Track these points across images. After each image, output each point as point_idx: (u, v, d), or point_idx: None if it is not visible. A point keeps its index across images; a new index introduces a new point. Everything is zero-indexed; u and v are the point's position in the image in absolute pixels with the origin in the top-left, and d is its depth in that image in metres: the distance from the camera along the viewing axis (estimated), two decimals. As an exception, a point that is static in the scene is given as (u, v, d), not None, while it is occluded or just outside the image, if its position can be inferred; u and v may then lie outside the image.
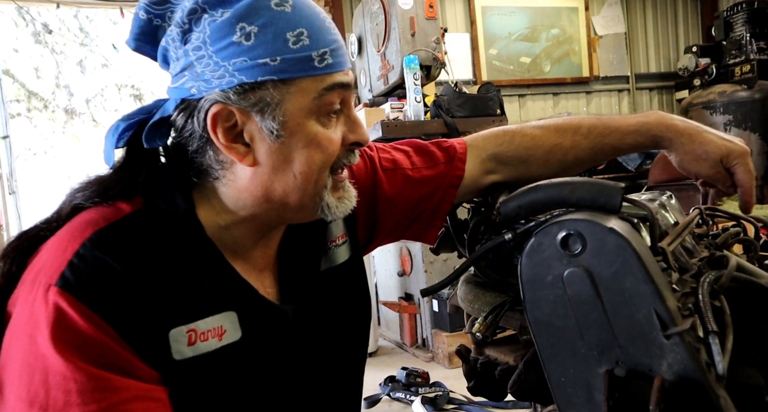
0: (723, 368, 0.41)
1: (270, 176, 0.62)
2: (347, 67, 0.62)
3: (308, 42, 0.58)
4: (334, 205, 0.65)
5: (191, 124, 0.61)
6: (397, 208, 0.83)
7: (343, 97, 0.63)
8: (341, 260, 0.78)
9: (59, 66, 3.89)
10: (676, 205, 0.72)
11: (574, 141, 0.83)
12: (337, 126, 0.64)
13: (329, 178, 0.64)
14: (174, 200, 0.62)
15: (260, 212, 0.65)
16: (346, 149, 0.65)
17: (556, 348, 0.48)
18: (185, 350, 0.59)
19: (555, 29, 4.75)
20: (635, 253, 0.44)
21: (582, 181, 0.51)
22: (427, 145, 0.87)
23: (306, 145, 0.61)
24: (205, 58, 0.58)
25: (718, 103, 4.33)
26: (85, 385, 0.53)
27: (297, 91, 0.59)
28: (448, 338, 2.77)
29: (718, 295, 0.48)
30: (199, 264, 0.62)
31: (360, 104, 3.60)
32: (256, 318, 0.65)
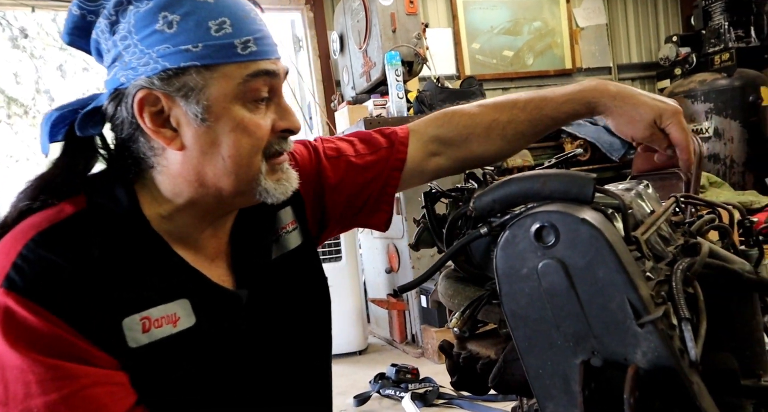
0: (695, 354, 0.41)
1: (199, 160, 0.64)
2: (274, 56, 0.65)
3: (231, 30, 0.61)
4: (272, 187, 0.67)
5: (121, 111, 0.63)
6: (342, 195, 0.85)
7: (271, 84, 0.65)
8: (293, 246, 0.80)
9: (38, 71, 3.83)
10: (652, 194, 0.72)
11: (511, 115, 0.84)
12: (267, 113, 0.66)
13: (263, 163, 0.66)
14: (116, 196, 0.65)
15: (198, 198, 0.67)
16: (278, 136, 0.67)
17: (533, 340, 0.48)
18: (140, 338, 0.61)
19: (537, 22, 4.77)
20: (607, 243, 0.44)
21: (554, 173, 0.51)
22: (370, 133, 0.90)
23: (232, 130, 0.63)
24: (131, 47, 0.61)
25: (699, 92, 4.37)
26: (42, 375, 0.54)
27: (220, 76, 0.61)
28: (437, 334, 2.78)
29: (691, 282, 0.48)
30: (146, 256, 0.64)
31: (343, 102, 3.59)
32: (210, 304, 0.67)
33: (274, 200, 0.68)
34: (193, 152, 0.64)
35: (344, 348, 3.09)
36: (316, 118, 4.11)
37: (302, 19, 4.16)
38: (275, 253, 0.78)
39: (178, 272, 0.66)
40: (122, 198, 0.65)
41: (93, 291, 0.59)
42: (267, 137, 0.66)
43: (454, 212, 0.67)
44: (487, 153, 0.86)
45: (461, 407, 2.24)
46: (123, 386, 0.59)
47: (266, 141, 0.66)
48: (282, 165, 0.69)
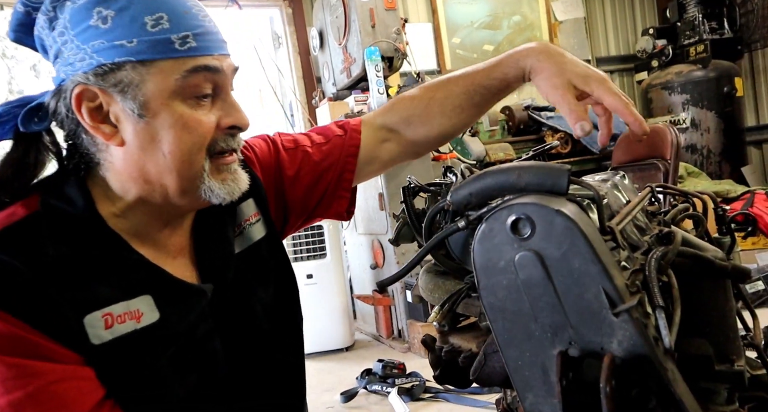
0: (669, 341, 0.42)
1: (140, 156, 0.64)
2: (218, 52, 0.64)
3: (168, 25, 0.61)
4: (217, 187, 0.67)
5: (61, 107, 0.63)
6: (301, 184, 0.86)
7: (214, 81, 0.65)
8: (257, 238, 0.80)
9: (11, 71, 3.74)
10: (629, 184, 0.73)
11: (447, 90, 0.85)
12: (212, 110, 0.66)
13: (207, 161, 0.66)
14: (70, 197, 0.65)
15: (146, 195, 0.66)
16: (224, 133, 0.67)
17: (512, 332, 0.48)
18: (103, 334, 0.61)
19: (516, 16, 4.79)
20: (582, 234, 0.44)
21: (529, 166, 0.51)
22: (325, 125, 0.93)
23: (171, 126, 0.63)
24: (68, 43, 0.61)
25: (676, 84, 4.44)
26: (5, 374, 0.55)
27: (157, 72, 0.61)
28: (423, 328, 2.79)
29: (665, 270, 0.49)
30: (104, 255, 0.64)
31: (324, 98, 3.57)
32: (173, 300, 0.67)
33: (220, 201, 0.68)
34: (134, 148, 0.64)
35: (331, 345, 3.09)
36: (297, 115, 4.09)
37: (281, 16, 4.13)
38: (240, 246, 0.78)
39: (138, 269, 0.66)
40: (76, 198, 0.65)
41: (50, 291, 0.58)
42: (210, 134, 0.65)
43: (433, 206, 0.67)
44: (432, 132, 0.87)
45: (447, 400, 2.25)
46: (90, 381, 0.59)
47: (210, 138, 0.65)
48: (230, 165, 0.69)
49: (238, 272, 0.76)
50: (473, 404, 2.17)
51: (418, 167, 2.94)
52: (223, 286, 0.73)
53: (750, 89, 4.88)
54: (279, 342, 0.80)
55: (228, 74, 0.67)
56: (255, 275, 0.78)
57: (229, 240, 0.76)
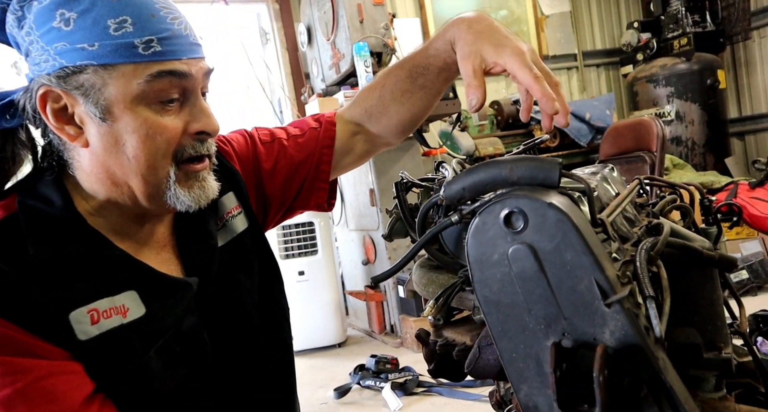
0: (660, 331, 0.43)
1: (105, 158, 0.64)
2: (186, 56, 0.63)
3: (132, 29, 0.60)
4: (183, 195, 0.66)
5: (29, 106, 0.63)
6: (279, 176, 0.87)
7: (181, 85, 0.64)
8: (240, 230, 0.81)
9: (-9, 69, 3.69)
10: (617, 177, 0.74)
11: (395, 76, 0.85)
12: (179, 115, 0.65)
13: (173, 167, 0.65)
14: (47, 196, 0.65)
15: (116, 197, 0.66)
16: (193, 139, 0.66)
17: (506, 325, 0.49)
18: (90, 330, 0.61)
19: (503, 11, 4.80)
20: (574, 226, 0.45)
21: (520, 159, 0.51)
22: (301, 119, 0.94)
23: (135, 131, 0.62)
24: (34, 43, 0.61)
25: (660, 77, 4.49)
26: None
27: (119, 76, 0.60)
28: (415, 323, 2.80)
29: (655, 261, 0.49)
30: (87, 252, 0.64)
31: (314, 94, 3.56)
32: (159, 294, 0.67)
33: (186, 208, 0.67)
34: (99, 150, 0.63)
35: (323, 341, 3.09)
36: (286, 112, 4.07)
37: (268, 11, 4.10)
38: (223, 239, 0.78)
39: (122, 265, 0.66)
40: (54, 197, 0.65)
41: (33, 290, 0.59)
42: (175, 140, 0.64)
43: (426, 201, 0.68)
44: (392, 121, 0.88)
45: (441, 394, 2.27)
46: (79, 375, 0.60)
47: (175, 144, 0.65)
48: (199, 173, 0.68)
49: (223, 265, 0.76)
50: (466, 397, 2.19)
51: (409, 163, 2.95)
52: (208, 279, 0.74)
53: (732, 82, 4.94)
54: (266, 335, 0.81)
55: (198, 78, 0.65)
56: (240, 267, 0.79)
57: (211, 234, 0.76)
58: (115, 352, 0.63)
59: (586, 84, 5.18)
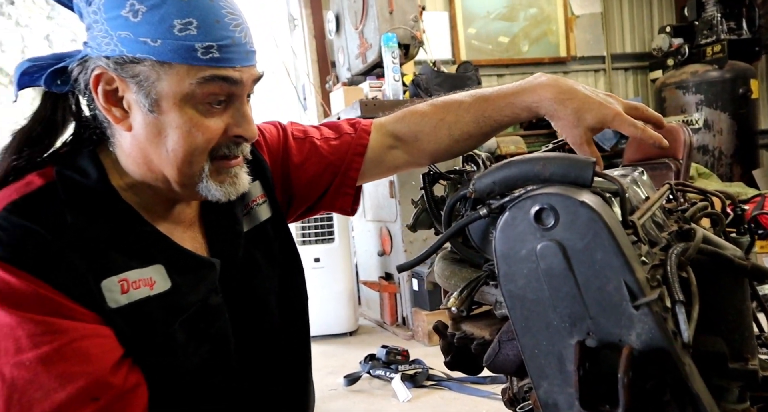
0: (689, 336, 0.42)
1: (146, 146, 0.66)
2: (241, 65, 0.65)
3: (195, 32, 0.61)
4: (214, 188, 0.68)
5: (81, 79, 0.66)
6: (306, 173, 0.89)
7: (229, 91, 0.65)
8: (263, 218, 0.83)
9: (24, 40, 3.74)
10: (647, 181, 0.73)
11: (457, 116, 0.86)
12: (222, 117, 0.67)
13: (208, 162, 0.67)
14: (84, 169, 0.67)
15: (150, 181, 0.69)
16: (231, 140, 0.68)
17: (530, 321, 0.49)
18: (120, 298, 0.64)
19: (533, 9, 4.74)
20: (606, 226, 0.45)
21: (554, 156, 0.51)
22: (337, 121, 0.95)
23: (178, 127, 0.64)
24: (99, 23, 0.63)
25: (691, 83, 4.40)
26: (32, 331, 0.57)
27: (174, 74, 0.62)
28: (427, 317, 2.80)
29: (685, 266, 0.49)
30: (119, 225, 0.66)
31: (339, 83, 3.56)
32: (184, 269, 0.70)
33: (216, 200, 0.70)
34: (140, 137, 0.66)
35: (335, 329, 3.11)
36: (310, 99, 4.08)
37: (297, -2, 4.10)
38: (247, 225, 0.81)
39: (151, 240, 0.69)
40: (90, 170, 0.67)
41: (70, 254, 0.61)
42: (215, 140, 0.67)
43: (453, 193, 0.68)
44: (438, 151, 0.89)
45: (450, 388, 2.27)
46: (110, 339, 0.62)
47: (214, 143, 0.67)
48: (231, 169, 0.70)
49: (246, 250, 0.78)
50: (475, 394, 2.19)
51: (429, 157, 2.94)
52: (231, 263, 0.76)
53: (765, 92, 4.83)
54: (284, 320, 0.82)
55: (247, 85, 0.67)
56: (262, 254, 0.81)
57: (237, 219, 0.78)
58: (141, 322, 0.65)
59: (613, 87, 5.11)
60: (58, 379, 0.57)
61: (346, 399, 2.30)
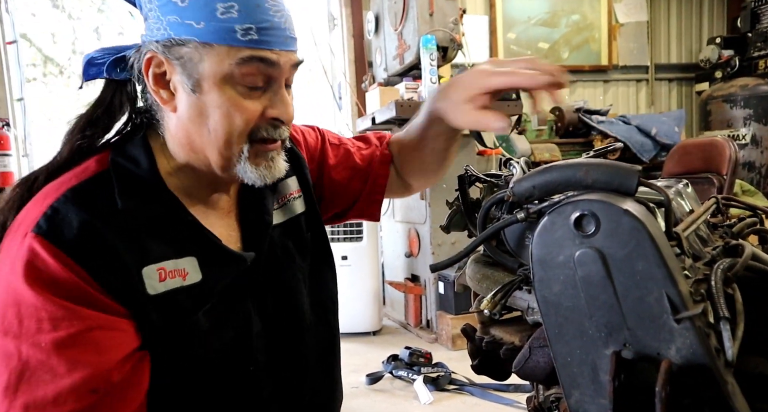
0: (732, 354, 0.41)
1: (189, 126, 0.69)
2: (278, 48, 0.67)
3: (236, 15, 0.64)
4: (251, 170, 0.71)
5: (136, 65, 0.70)
6: (339, 176, 0.94)
7: (268, 73, 0.68)
8: (298, 211, 0.86)
9: (75, 32, 3.88)
10: (692, 193, 0.71)
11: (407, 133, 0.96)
12: (261, 99, 0.69)
13: (246, 144, 0.70)
14: (135, 157, 0.71)
15: (193, 162, 0.72)
16: (268, 123, 0.71)
17: (564, 328, 0.48)
18: (158, 286, 0.67)
19: (576, 15, 4.66)
20: (649, 236, 0.44)
21: (597, 163, 0.50)
22: (364, 134, 1.03)
23: (219, 107, 0.67)
24: (153, 11, 0.67)
25: (739, 97, 4.25)
26: (54, 314, 0.59)
27: (215, 55, 0.65)
28: (452, 320, 2.78)
29: (731, 282, 0.47)
30: (162, 214, 0.69)
31: (375, 83, 3.57)
32: (215, 263, 0.72)
33: (252, 183, 0.72)
34: (184, 118, 0.69)
35: (359, 327, 3.12)
36: (345, 98, 4.10)
37: (339, -2, 4.13)
38: (282, 217, 0.83)
39: (189, 231, 0.71)
40: (141, 159, 0.71)
41: (115, 242, 0.64)
42: (252, 122, 0.69)
43: (490, 196, 0.67)
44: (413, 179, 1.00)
45: (472, 394, 2.25)
46: (126, 334, 0.64)
47: (252, 125, 0.69)
48: (269, 153, 0.72)
49: (280, 241, 0.81)
50: (498, 401, 2.16)
51: (464, 160, 2.91)
52: (263, 253, 0.78)
53: (819, 109, 4.62)
54: (314, 313, 0.84)
55: (284, 68, 0.69)
56: (294, 245, 0.83)
57: (267, 210, 0.80)
58: (171, 311, 0.67)
59: (655, 98, 4.97)
60: (67, 364, 0.59)
61: (367, 398, 2.30)
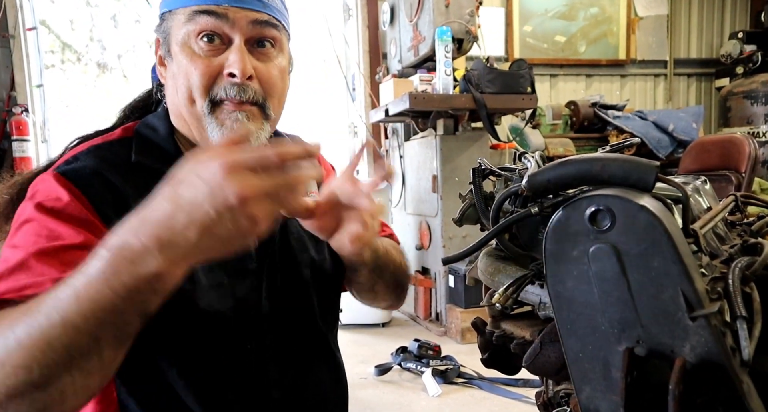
0: (749, 353, 0.40)
1: (171, 93, 0.76)
2: (227, 3, 0.71)
3: None
4: (216, 130, 0.72)
5: None
6: None
7: (219, 28, 0.71)
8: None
9: (93, 19, 3.91)
10: (710, 190, 0.70)
11: None
12: (219, 58, 0.72)
13: (206, 102, 0.72)
14: (155, 126, 0.78)
15: (184, 131, 0.78)
16: (227, 82, 0.72)
17: (576, 323, 0.48)
18: None
19: (594, 8, 4.59)
20: (666, 232, 0.43)
21: (614, 157, 0.49)
22: None
23: (180, 67, 0.73)
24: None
25: (761, 93, 4.17)
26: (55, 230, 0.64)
27: (176, 20, 0.73)
28: (462, 314, 2.78)
29: (749, 281, 0.46)
30: None
31: (389, 74, 3.56)
32: None
33: None
34: (169, 86, 0.76)
35: (368, 319, 3.13)
36: (359, 90, 4.09)
37: (354, -12, 4.11)
38: None
39: None
40: (160, 127, 0.78)
41: (125, 188, 0.70)
42: (207, 76, 0.71)
43: (504, 189, 0.66)
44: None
45: (480, 387, 2.25)
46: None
47: (207, 80, 0.72)
48: (233, 113, 0.72)
49: (296, 230, 0.81)
50: (507, 395, 2.16)
51: (476, 154, 2.90)
52: (275, 236, 0.79)
53: (843, 107, 4.52)
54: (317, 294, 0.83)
55: (239, 24, 0.71)
56: (309, 236, 0.82)
57: None
58: None
59: (673, 94, 4.90)
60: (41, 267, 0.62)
61: (375, 388, 2.32)
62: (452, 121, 3.02)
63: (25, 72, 3.46)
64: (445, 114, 2.99)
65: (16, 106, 3.37)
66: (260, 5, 0.73)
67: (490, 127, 2.95)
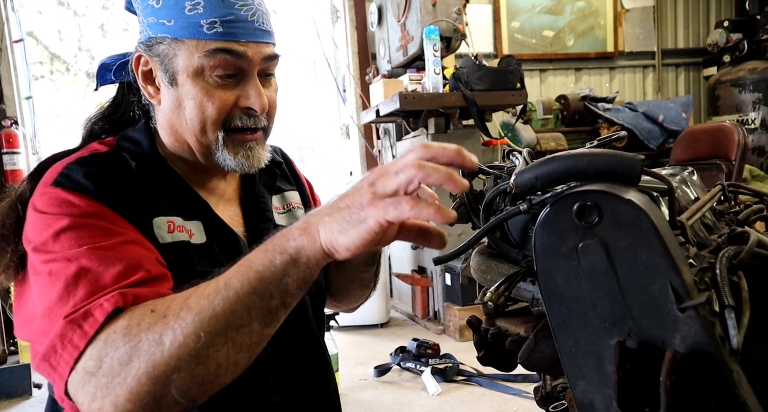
0: (737, 342, 0.40)
1: (171, 117, 0.76)
2: (245, 39, 0.72)
3: (201, 11, 0.70)
4: (229, 159, 0.76)
5: (130, 65, 0.78)
6: None
7: (238, 64, 0.73)
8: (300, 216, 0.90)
9: (81, 29, 3.89)
10: (697, 181, 0.71)
11: None
12: (234, 90, 0.74)
13: (221, 132, 0.75)
14: (138, 140, 0.78)
15: (179, 152, 0.79)
16: (243, 112, 0.75)
17: (568, 319, 0.48)
18: (167, 236, 0.73)
19: (580, 2, 4.61)
20: (652, 225, 0.43)
21: (599, 152, 0.50)
22: None
23: (192, 97, 0.73)
24: (140, 16, 0.75)
25: (748, 81, 4.20)
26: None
27: (186, 49, 0.72)
28: (459, 312, 2.79)
29: (736, 270, 0.47)
30: (167, 187, 0.76)
31: (378, 75, 3.56)
32: (216, 233, 0.78)
33: (232, 170, 0.77)
34: (167, 109, 0.76)
35: (366, 320, 3.14)
36: (350, 91, 4.09)
37: (341, -10, 4.11)
38: (287, 221, 0.88)
39: (195, 201, 0.77)
40: (142, 140, 0.78)
41: (127, 192, 0.70)
42: (225, 110, 0.74)
43: (493, 188, 0.67)
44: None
45: (480, 384, 2.26)
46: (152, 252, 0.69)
47: (224, 113, 0.74)
48: (246, 142, 0.76)
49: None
50: (506, 391, 2.17)
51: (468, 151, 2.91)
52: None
53: (830, 92, 4.56)
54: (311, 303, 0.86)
55: (254, 60, 0.73)
56: None
57: (268, 208, 0.86)
58: (182, 261, 0.71)
59: (663, 84, 4.92)
60: (102, 262, 0.62)
61: (375, 389, 2.32)
62: (443, 119, 3.03)
63: (13, 84, 3.44)
64: (436, 113, 2.99)
65: (5, 119, 3.35)
66: (269, 36, 0.76)
67: (481, 124, 2.96)
